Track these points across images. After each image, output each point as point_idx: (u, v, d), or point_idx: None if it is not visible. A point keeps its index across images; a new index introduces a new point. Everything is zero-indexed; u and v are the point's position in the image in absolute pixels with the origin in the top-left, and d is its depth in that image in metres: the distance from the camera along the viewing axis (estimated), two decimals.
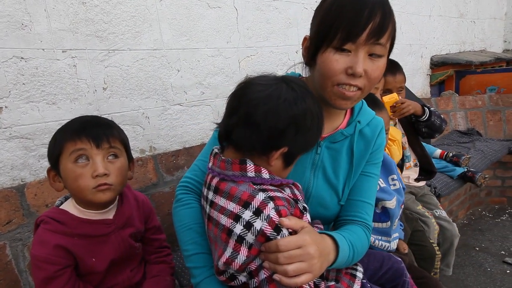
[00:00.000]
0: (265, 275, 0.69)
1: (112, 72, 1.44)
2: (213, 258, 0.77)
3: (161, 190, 1.59)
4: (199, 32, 1.71)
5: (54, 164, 0.88)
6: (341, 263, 0.78)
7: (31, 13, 1.21)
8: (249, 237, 0.67)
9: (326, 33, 0.75)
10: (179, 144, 1.71)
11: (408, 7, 3.14)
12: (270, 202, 0.67)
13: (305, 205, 0.76)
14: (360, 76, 0.76)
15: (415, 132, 1.82)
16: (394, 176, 1.29)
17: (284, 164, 0.75)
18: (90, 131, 0.86)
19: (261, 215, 0.66)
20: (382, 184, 1.24)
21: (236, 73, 1.89)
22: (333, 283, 0.82)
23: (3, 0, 1.15)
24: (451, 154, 2.43)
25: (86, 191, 0.85)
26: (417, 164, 1.83)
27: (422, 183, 1.90)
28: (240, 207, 0.68)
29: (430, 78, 3.60)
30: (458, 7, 3.80)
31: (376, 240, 1.20)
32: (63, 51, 1.30)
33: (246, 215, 0.67)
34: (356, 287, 0.84)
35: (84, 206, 0.90)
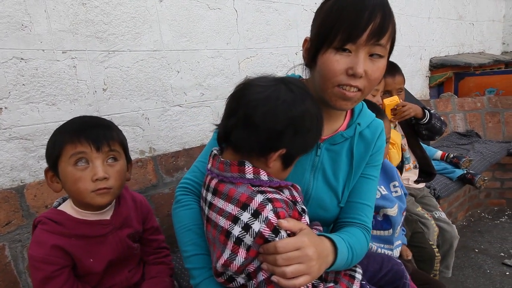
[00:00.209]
0: (264, 277, 0.69)
1: (112, 73, 1.44)
2: (212, 260, 0.77)
3: (161, 191, 1.59)
4: (199, 34, 1.71)
5: (53, 165, 0.88)
6: (340, 265, 0.78)
7: (31, 14, 1.22)
8: (248, 239, 0.67)
9: (327, 34, 0.76)
10: (179, 145, 1.71)
11: (407, 9, 3.15)
12: (269, 204, 0.67)
13: (304, 207, 0.76)
14: (361, 77, 0.76)
15: (415, 134, 1.82)
16: (396, 183, 1.28)
17: (283, 166, 0.75)
18: (90, 133, 0.85)
19: (260, 217, 0.66)
20: (384, 192, 1.22)
21: (236, 75, 1.89)
22: (332, 284, 0.82)
23: (3, 1, 1.15)
24: (452, 155, 2.44)
25: (85, 194, 0.85)
26: (417, 166, 1.83)
27: (422, 185, 1.90)
28: (239, 209, 0.68)
29: (429, 80, 3.61)
30: (457, 9, 3.82)
31: (379, 248, 1.19)
32: (63, 52, 1.30)
33: (245, 217, 0.67)
34: None
35: (82, 207, 0.90)
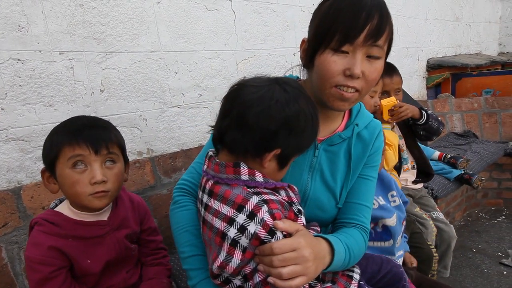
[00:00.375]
0: (260, 278, 0.69)
1: (110, 74, 1.44)
2: (208, 262, 0.77)
3: (159, 192, 1.58)
4: (197, 35, 1.72)
5: (49, 166, 0.87)
6: (337, 266, 0.78)
7: (28, 15, 1.21)
8: (243, 241, 0.67)
9: (324, 35, 0.76)
10: (177, 146, 1.71)
11: (405, 11, 3.16)
12: (264, 205, 0.67)
13: (300, 208, 0.75)
14: (358, 77, 0.76)
15: (413, 135, 1.82)
16: (394, 193, 1.26)
17: (279, 166, 0.75)
18: (88, 135, 0.84)
19: (255, 219, 0.66)
20: (381, 202, 1.20)
21: (234, 76, 1.89)
22: (330, 285, 0.82)
23: (0, 2, 1.15)
24: (449, 156, 2.45)
25: (83, 197, 0.85)
26: (415, 167, 1.84)
27: (420, 185, 1.90)
28: (234, 211, 0.68)
29: (427, 81, 3.62)
30: (454, 11, 3.83)
31: None
32: (60, 53, 1.30)
33: (240, 219, 0.67)
34: None
35: (79, 209, 0.90)
